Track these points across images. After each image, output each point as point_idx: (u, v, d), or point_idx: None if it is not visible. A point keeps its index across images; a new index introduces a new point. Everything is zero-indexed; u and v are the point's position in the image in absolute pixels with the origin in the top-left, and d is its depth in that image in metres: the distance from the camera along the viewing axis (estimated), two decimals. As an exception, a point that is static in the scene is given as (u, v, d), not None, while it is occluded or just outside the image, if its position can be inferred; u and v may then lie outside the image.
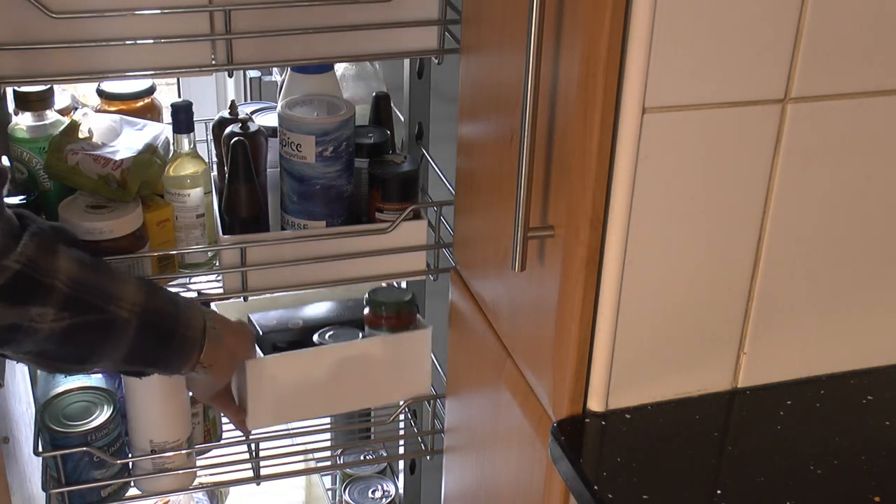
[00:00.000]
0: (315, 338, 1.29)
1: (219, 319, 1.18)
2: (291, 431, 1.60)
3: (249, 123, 1.32)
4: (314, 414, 1.48)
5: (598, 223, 0.89)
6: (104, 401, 1.36)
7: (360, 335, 1.29)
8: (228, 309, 1.34)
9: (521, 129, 0.88)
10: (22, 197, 1.26)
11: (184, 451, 1.40)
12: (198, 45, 1.17)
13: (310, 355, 1.27)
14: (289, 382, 1.27)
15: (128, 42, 1.14)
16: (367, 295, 1.30)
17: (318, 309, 1.35)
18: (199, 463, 1.45)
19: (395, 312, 1.28)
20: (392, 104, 1.45)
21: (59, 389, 1.37)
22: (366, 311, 1.29)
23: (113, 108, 1.46)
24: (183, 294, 1.50)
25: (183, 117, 1.35)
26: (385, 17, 1.22)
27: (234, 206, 1.31)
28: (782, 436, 0.96)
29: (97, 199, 1.29)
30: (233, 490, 1.84)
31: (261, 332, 1.30)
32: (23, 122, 1.33)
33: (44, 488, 1.37)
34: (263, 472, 1.47)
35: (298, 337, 1.30)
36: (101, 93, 1.47)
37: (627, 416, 0.97)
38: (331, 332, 1.31)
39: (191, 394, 1.33)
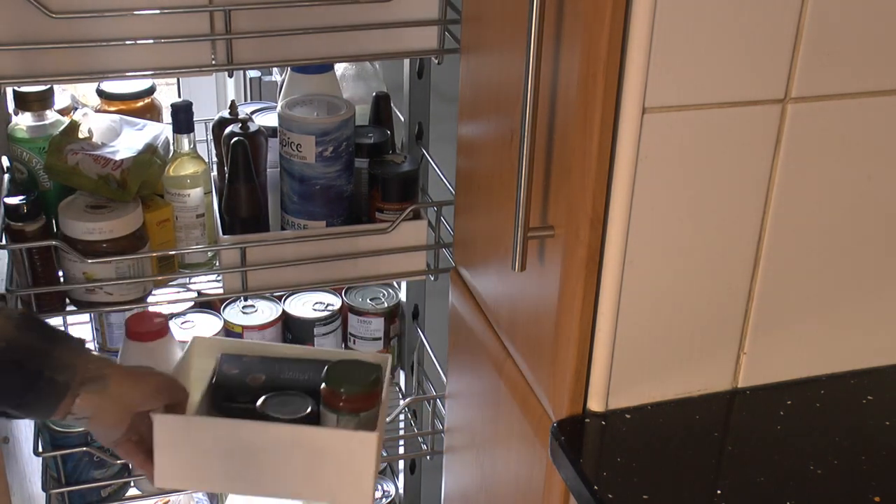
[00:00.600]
0: (258, 403, 1.15)
1: (111, 367, 1.05)
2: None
3: (249, 123, 1.32)
4: (228, 490, 1.37)
5: (598, 223, 0.89)
6: (104, 401, 1.36)
7: (309, 408, 1.13)
8: (206, 346, 1.22)
9: (521, 129, 0.88)
10: (22, 197, 1.26)
11: (184, 451, 1.40)
12: (198, 45, 1.17)
13: (225, 426, 1.10)
14: (200, 448, 1.11)
15: (128, 42, 1.15)
16: (326, 368, 1.14)
17: (291, 367, 1.20)
18: (199, 463, 1.45)
19: (353, 396, 1.11)
20: (392, 104, 1.45)
21: (59, 389, 1.37)
22: (323, 385, 1.13)
23: (113, 108, 1.46)
24: (182, 294, 1.50)
25: (183, 117, 1.35)
26: (385, 17, 1.22)
27: (234, 206, 1.31)
28: (782, 436, 0.96)
29: (97, 199, 1.29)
30: (233, 490, 1.83)
31: (213, 380, 1.18)
32: (23, 122, 1.33)
33: (44, 488, 1.37)
34: (263, 472, 1.47)
35: (251, 393, 1.16)
36: (101, 93, 1.47)
37: (627, 416, 0.97)
38: (278, 400, 1.15)
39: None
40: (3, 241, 1.26)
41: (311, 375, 1.18)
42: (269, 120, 1.41)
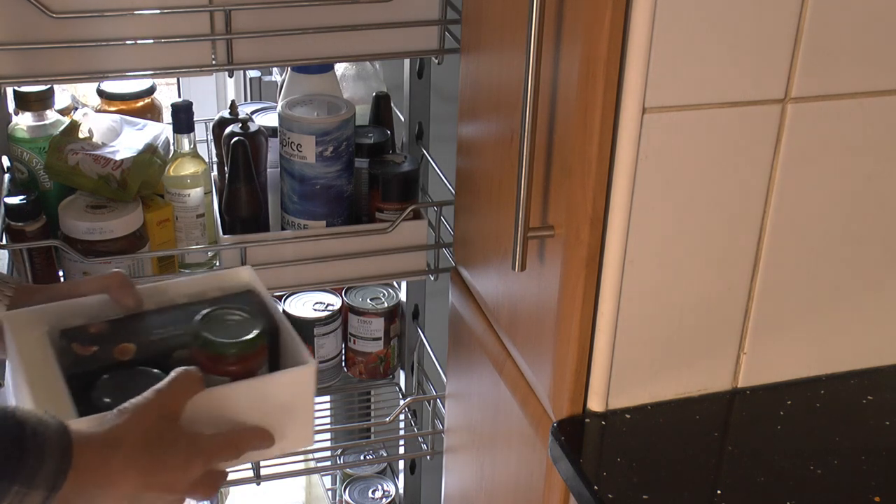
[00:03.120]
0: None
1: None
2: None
3: (249, 123, 1.32)
4: None
5: (598, 223, 0.89)
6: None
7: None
8: (26, 322, 0.96)
9: (521, 129, 0.88)
10: (22, 197, 1.26)
11: (184, 451, 1.39)
12: (198, 45, 1.17)
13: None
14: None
15: (128, 42, 1.15)
16: (197, 328, 0.91)
17: (154, 321, 0.97)
18: (199, 463, 1.44)
19: (236, 357, 0.91)
20: (392, 104, 1.45)
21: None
22: (194, 349, 0.91)
23: (113, 108, 1.46)
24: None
25: (183, 117, 1.35)
26: (385, 17, 1.22)
27: (234, 206, 1.31)
28: (782, 436, 0.96)
29: (97, 199, 1.29)
30: (233, 490, 1.84)
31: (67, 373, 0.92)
32: (23, 122, 1.33)
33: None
34: (263, 472, 1.47)
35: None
36: (101, 93, 1.47)
37: (627, 416, 0.97)
38: (115, 383, 0.90)
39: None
40: (4, 241, 1.26)
41: (184, 326, 0.95)
42: (269, 120, 1.41)
